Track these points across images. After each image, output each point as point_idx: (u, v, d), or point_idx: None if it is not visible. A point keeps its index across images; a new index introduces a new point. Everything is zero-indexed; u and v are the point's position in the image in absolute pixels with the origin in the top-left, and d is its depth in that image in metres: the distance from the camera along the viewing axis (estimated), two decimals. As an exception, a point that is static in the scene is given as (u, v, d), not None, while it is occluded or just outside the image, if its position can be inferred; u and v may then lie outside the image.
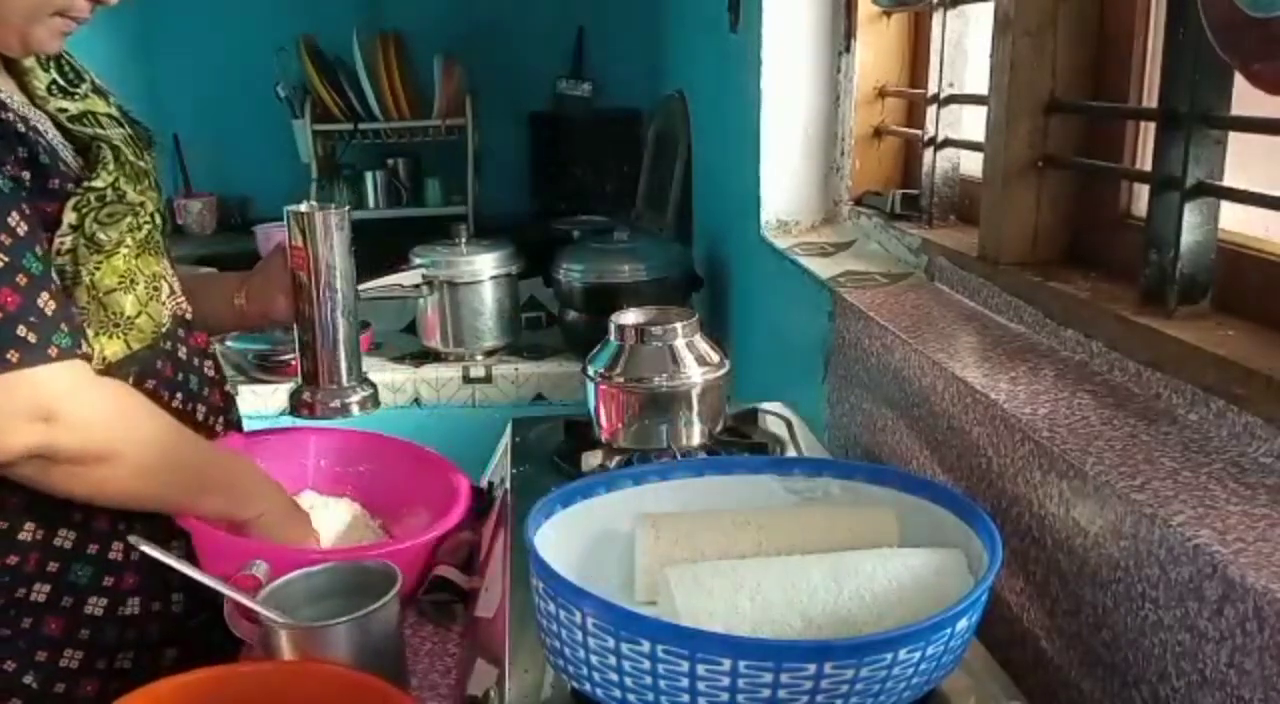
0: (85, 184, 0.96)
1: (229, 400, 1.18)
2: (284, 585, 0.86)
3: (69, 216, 0.94)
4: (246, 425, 1.23)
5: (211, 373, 1.14)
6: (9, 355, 0.85)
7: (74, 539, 0.98)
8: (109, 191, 0.97)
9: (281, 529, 1.04)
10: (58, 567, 0.98)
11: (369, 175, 3.00)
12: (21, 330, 0.86)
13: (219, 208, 3.06)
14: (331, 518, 1.13)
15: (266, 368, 2.24)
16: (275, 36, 2.88)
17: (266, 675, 0.78)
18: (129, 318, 0.99)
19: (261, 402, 2.24)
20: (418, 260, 2.19)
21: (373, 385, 1.14)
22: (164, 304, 1.06)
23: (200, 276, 1.29)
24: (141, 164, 1.04)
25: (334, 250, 1.08)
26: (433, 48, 2.87)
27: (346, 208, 1.11)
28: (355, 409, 1.11)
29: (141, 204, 1.01)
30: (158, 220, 1.07)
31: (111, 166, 0.99)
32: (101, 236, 0.96)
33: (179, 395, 1.06)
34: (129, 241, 0.99)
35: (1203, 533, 0.65)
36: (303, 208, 1.10)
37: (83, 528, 0.99)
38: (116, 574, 1.01)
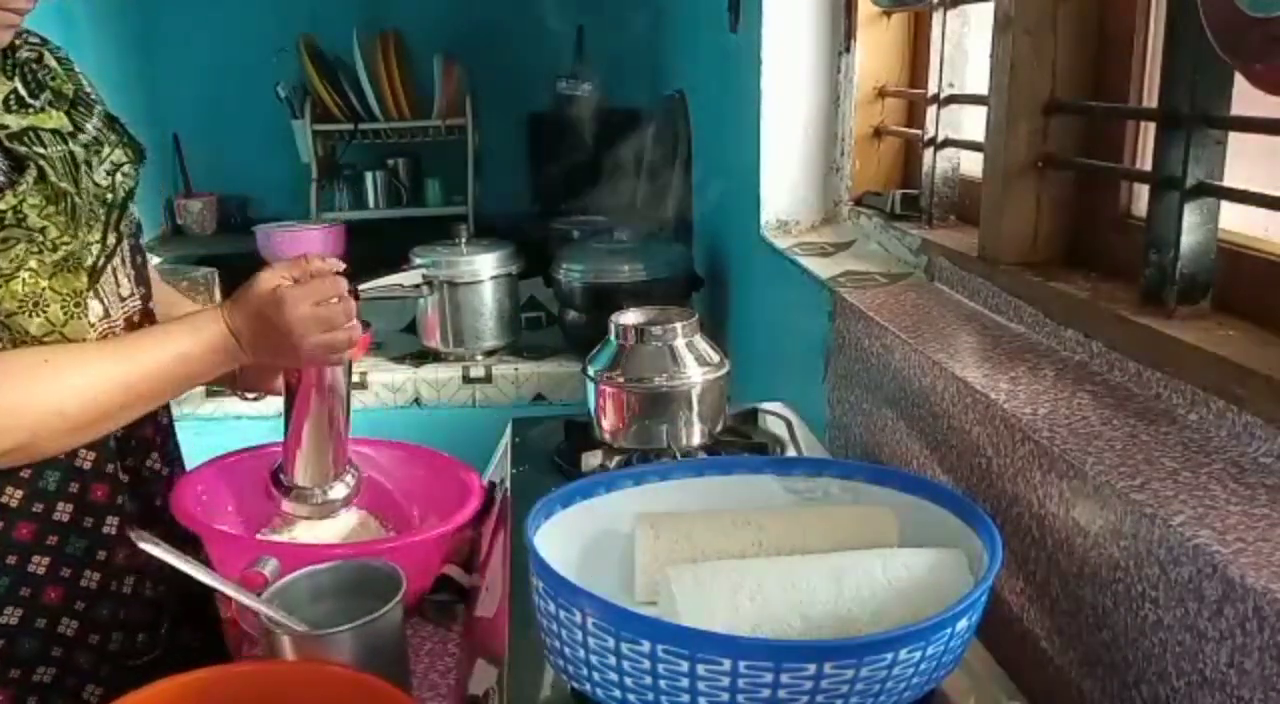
0: None
1: (166, 433, 1.15)
2: (288, 584, 0.86)
3: None
4: (246, 425, 1.22)
5: None
6: None
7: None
8: (9, 214, 0.92)
9: (266, 341, 0.99)
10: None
11: (369, 175, 3.00)
12: None
13: (219, 208, 3.06)
14: (338, 523, 1.13)
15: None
16: (275, 36, 2.89)
17: (268, 675, 0.78)
18: (37, 339, 0.95)
19: (262, 402, 2.23)
20: (418, 260, 2.20)
21: (356, 475, 1.10)
22: (90, 323, 1.00)
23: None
24: (66, 185, 0.97)
25: (328, 375, 1.04)
26: (433, 48, 2.87)
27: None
28: (339, 508, 1.10)
29: (42, 229, 0.94)
30: (110, 241, 1.02)
31: (23, 188, 0.93)
32: None
33: None
34: (32, 264, 0.93)
35: (1203, 533, 0.65)
36: None
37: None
38: (34, 587, 0.99)
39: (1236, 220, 0.91)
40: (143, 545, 0.86)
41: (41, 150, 0.97)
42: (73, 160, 0.99)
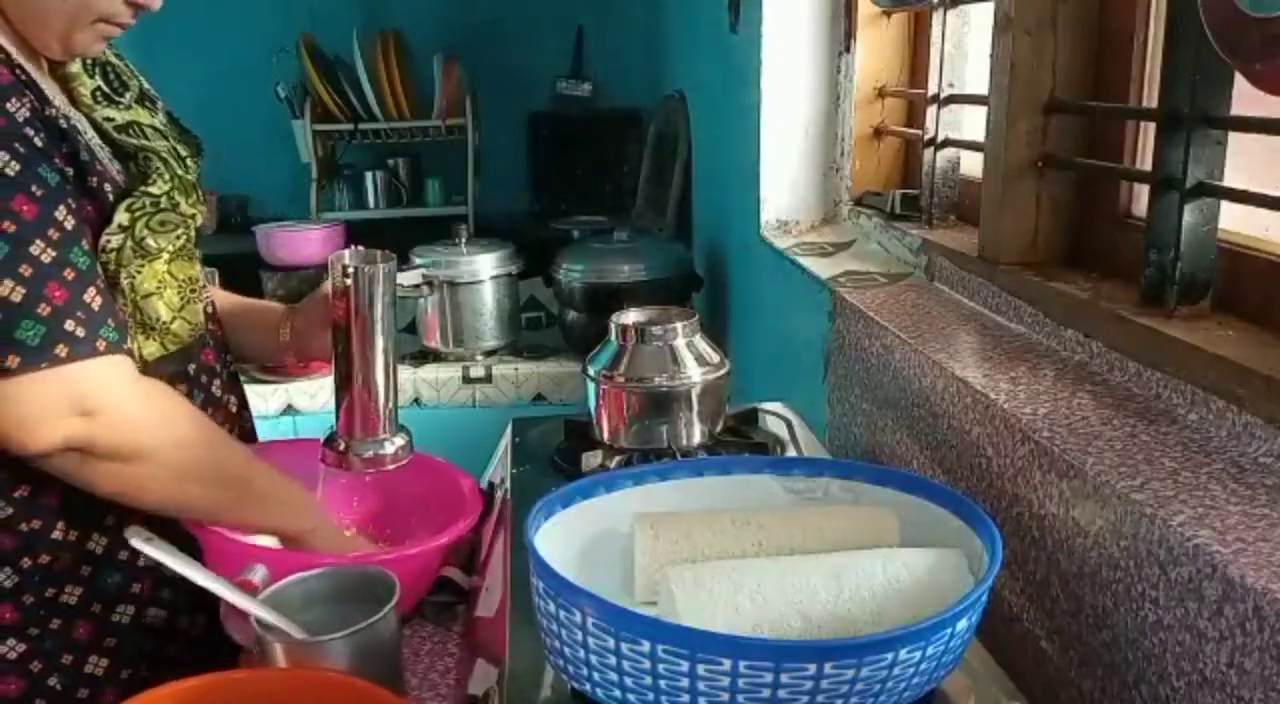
0: (142, 188, 0.96)
1: (243, 402, 1.18)
2: (281, 590, 0.85)
3: (120, 217, 0.94)
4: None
5: (226, 379, 1.14)
6: (58, 350, 0.85)
7: (105, 545, 0.98)
8: (164, 199, 0.98)
9: (335, 541, 1.04)
10: (90, 571, 0.98)
11: (369, 175, 3.00)
12: (70, 325, 0.86)
13: (219, 208, 3.06)
14: None
15: (267, 368, 2.24)
16: (275, 36, 2.89)
17: (264, 682, 0.78)
18: (164, 323, 0.99)
19: (262, 402, 2.24)
20: (418, 260, 2.19)
21: (407, 434, 1.12)
22: (200, 306, 1.06)
23: (245, 305, 1.27)
24: (189, 177, 1.04)
25: (377, 306, 1.04)
26: (433, 48, 2.87)
27: (393, 263, 1.08)
28: (389, 463, 1.09)
29: (192, 216, 1.02)
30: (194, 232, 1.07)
31: (166, 176, 0.99)
32: (150, 243, 0.96)
33: (200, 399, 1.06)
34: (170, 249, 0.99)
35: (1203, 533, 0.65)
36: (347, 259, 1.05)
37: (115, 533, 0.98)
38: (143, 581, 1.01)
39: (1237, 220, 0.91)
40: (135, 543, 0.86)
41: (149, 143, 1.02)
42: (177, 155, 1.05)
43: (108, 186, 0.95)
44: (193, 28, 3.04)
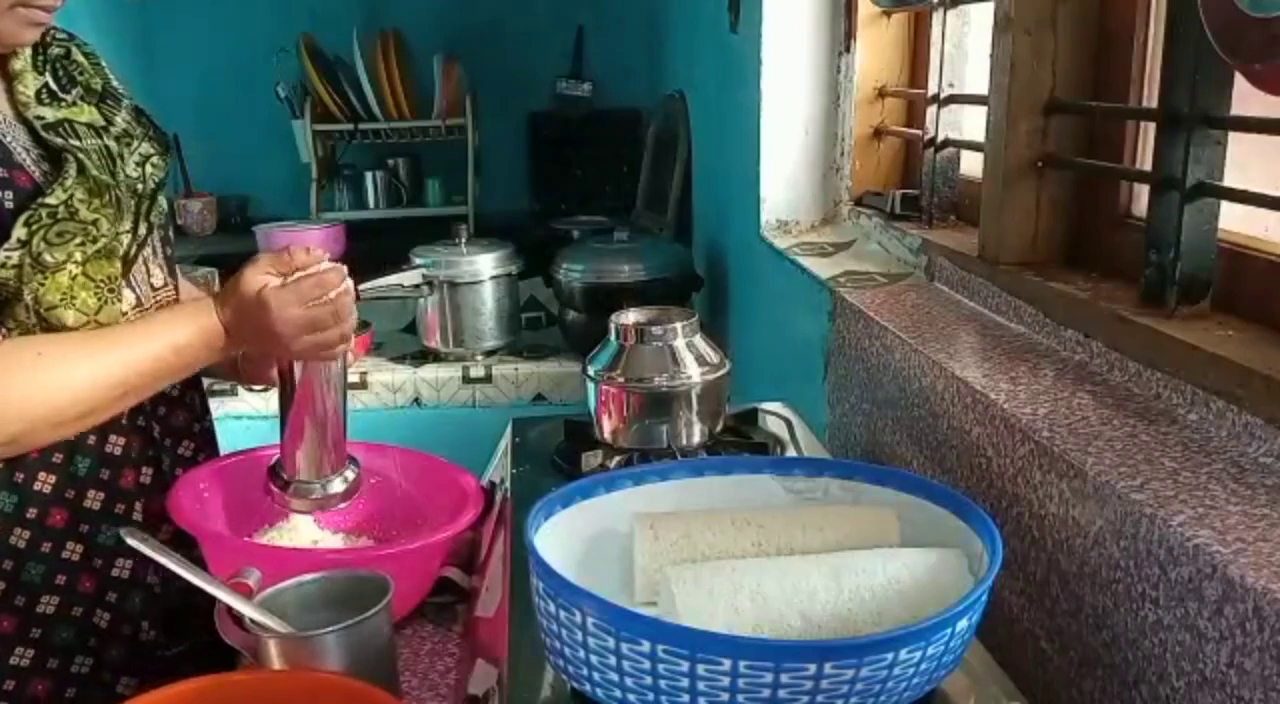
0: (39, 200, 0.93)
1: (204, 406, 1.17)
2: (275, 594, 0.84)
3: (19, 232, 0.91)
4: (246, 425, 1.22)
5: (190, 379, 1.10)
6: None
7: (28, 538, 0.98)
8: (61, 209, 0.94)
9: (256, 339, 1.00)
10: (12, 564, 0.98)
11: (369, 175, 3.00)
12: None
13: (219, 208, 3.05)
14: (327, 540, 1.13)
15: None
16: (275, 36, 2.89)
17: (261, 684, 0.78)
18: (73, 330, 0.96)
19: (262, 401, 2.24)
20: (418, 260, 2.20)
21: (355, 470, 1.08)
22: (123, 312, 1.01)
23: None
24: (106, 178, 0.99)
25: (323, 369, 1.02)
26: (433, 48, 2.87)
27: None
28: (332, 504, 1.08)
29: (94, 221, 0.96)
30: (141, 231, 1.03)
31: (70, 181, 0.95)
32: (48, 257, 0.93)
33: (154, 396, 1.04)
34: (77, 257, 0.95)
35: (1203, 533, 0.65)
36: None
37: (37, 525, 0.99)
38: (69, 574, 1.00)
39: (1237, 220, 0.91)
40: (131, 542, 0.86)
41: (78, 142, 0.99)
42: (108, 153, 1.01)
43: (7, 194, 0.92)
44: (193, 28, 3.05)
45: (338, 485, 1.06)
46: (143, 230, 1.04)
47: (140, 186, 1.04)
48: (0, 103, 0.98)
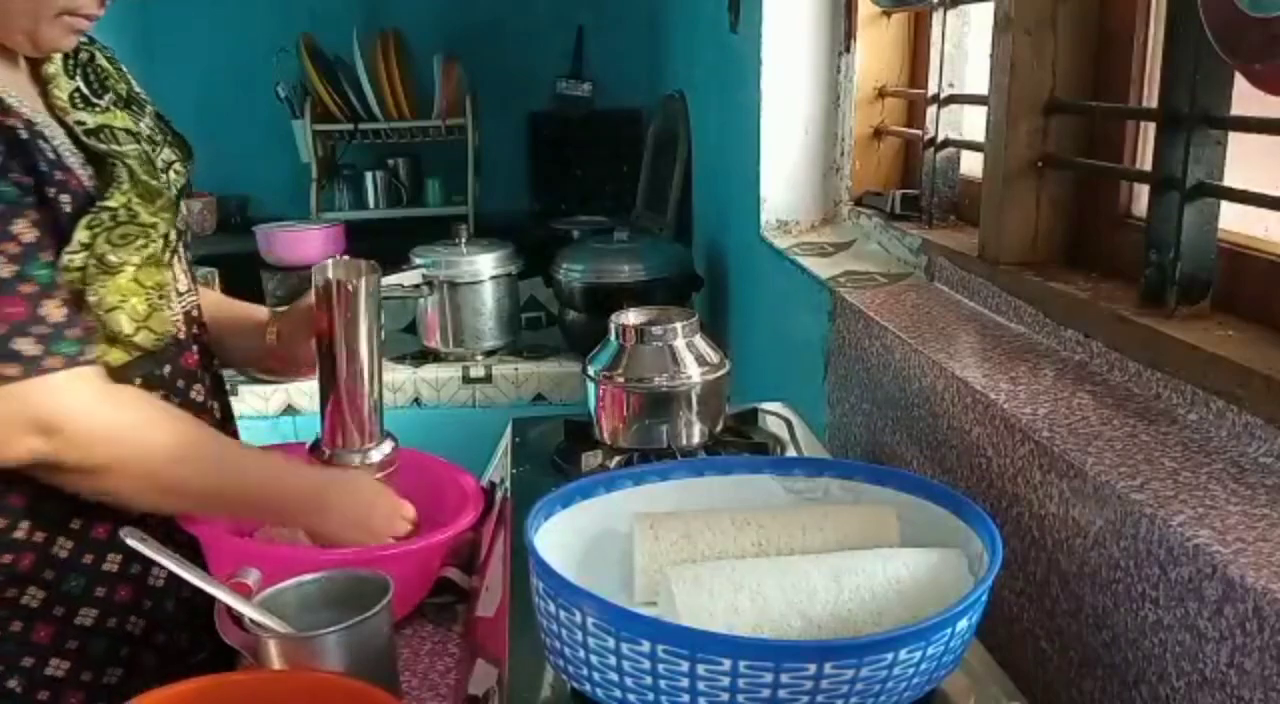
0: (99, 203, 0.94)
1: (227, 412, 1.17)
2: (275, 594, 0.85)
3: (80, 235, 0.92)
4: (246, 425, 1.23)
5: (210, 384, 1.13)
6: (8, 370, 0.85)
7: (70, 548, 0.98)
8: (122, 211, 0.95)
9: (352, 531, 1.03)
10: (54, 575, 0.98)
11: (369, 175, 3.00)
12: (20, 343, 0.85)
13: (219, 208, 3.06)
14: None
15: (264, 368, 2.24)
16: (275, 36, 2.89)
17: (261, 684, 0.78)
18: (126, 335, 0.98)
19: (261, 402, 2.24)
20: (418, 260, 2.20)
21: (394, 440, 1.11)
22: (171, 313, 1.04)
23: (231, 308, 1.25)
24: (154, 183, 1.00)
25: (359, 322, 1.03)
26: (433, 48, 2.87)
27: (377, 274, 1.06)
28: (373, 473, 1.09)
29: (154, 225, 0.99)
30: (172, 237, 1.05)
31: (125, 186, 0.97)
32: (112, 258, 0.94)
33: (175, 403, 1.05)
34: (135, 260, 0.97)
35: (1203, 533, 0.65)
36: (330, 271, 1.03)
37: (80, 537, 0.98)
38: (109, 585, 1.00)
39: (1237, 220, 0.91)
40: (131, 542, 0.86)
41: (119, 148, 1.00)
42: (148, 158, 1.03)
43: (65, 198, 0.93)
44: (193, 28, 3.05)
45: (376, 455, 1.09)
46: (173, 236, 1.05)
47: (167, 193, 1.04)
48: (37, 105, 0.98)
